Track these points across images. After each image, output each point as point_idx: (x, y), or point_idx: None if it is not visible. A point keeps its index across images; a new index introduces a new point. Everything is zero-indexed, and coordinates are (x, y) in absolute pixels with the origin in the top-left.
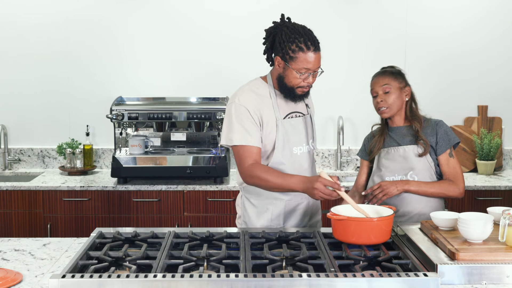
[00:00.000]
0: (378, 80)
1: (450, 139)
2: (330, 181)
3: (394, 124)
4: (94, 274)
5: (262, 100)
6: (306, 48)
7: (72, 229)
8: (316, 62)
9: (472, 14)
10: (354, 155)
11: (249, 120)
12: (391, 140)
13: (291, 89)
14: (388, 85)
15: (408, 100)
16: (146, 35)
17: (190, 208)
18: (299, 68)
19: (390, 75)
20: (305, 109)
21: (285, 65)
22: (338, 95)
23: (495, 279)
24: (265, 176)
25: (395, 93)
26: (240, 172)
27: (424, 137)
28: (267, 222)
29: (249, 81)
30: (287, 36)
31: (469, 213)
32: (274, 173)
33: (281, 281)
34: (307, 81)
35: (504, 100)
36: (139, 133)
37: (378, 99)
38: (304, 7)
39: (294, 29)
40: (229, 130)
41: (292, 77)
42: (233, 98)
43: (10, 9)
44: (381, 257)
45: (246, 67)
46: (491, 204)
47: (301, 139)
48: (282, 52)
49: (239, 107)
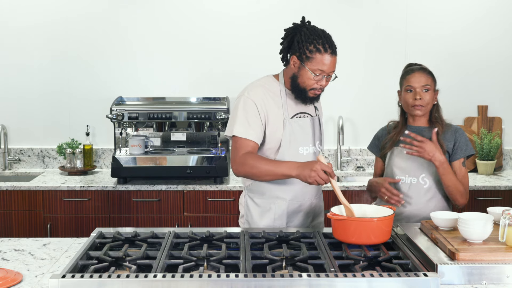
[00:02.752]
0: (419, 76)
1: (467, 149)
2: (328, 167)
3: (415, 123)
4: (94, 274)
5: (271, 97)
6: (324, 50)
7: (72, 229)
8: (332, 65)
9: (472, 14)
10: (354, 155)
11: (255, 115)
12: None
13: (303, 90)
14: (429, 85)
15: (436, 103)
16: (146, 35)
17: (190, 208)
18: (314, 69)
19: (429, 74)
20: (314, 111)
21: (301, 64)
22: (338, 95)
23: (495, 279)
24: (256, 163)
25: (431, 95)
26: (233, 162)
27: (442, 142)
28: (270, 221)
29: (261, 77)
30: (306, 37)
31: (469, 213)
32: (265, 160)
33: (281, 281)
34: (320, 83)
35: (504, 100)
36: (139, 133)
37: (417, 96)
38: (304, 7)
39: (314, 30)
40: (234, 122)
41: (306, 78)
42: (243, 92)
43: (10, 9)
44: (381, 257)
45: (247, 67)
46: (491, 204)
47: (308, 139)
48: (299, 52)
49: (247, 101)
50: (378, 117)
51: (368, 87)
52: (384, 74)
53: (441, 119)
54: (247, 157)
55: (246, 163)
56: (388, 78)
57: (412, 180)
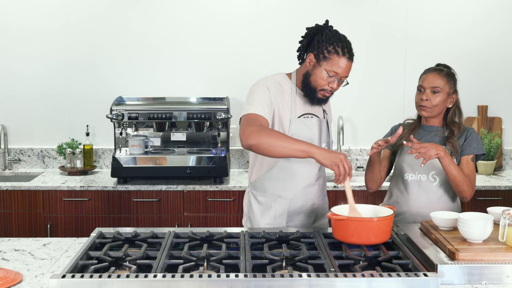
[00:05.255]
0: (432, 78)
1: (479, 147)
2: (350, 164)
3: (429, 123)
4: (94, 274)
5: (282, 93)
6: (342, 53)
7: (72, 229)
8: (346, 70)
9: (472, 14)
10: (354, 155)
11: (268, 99)
12: (419, 137)
13: (314, 90)
14: (439, 88)
15: (451, 107)
16: (146, 35)
17: (190, 208)
18: (329, 70)
19: (444, 77)
20: (322, 114)
21: (316, 63)
22: (338, 95)
23: (495, 279)
24: (273, 132)
25: (442, 97)
26: (243, 132)
27: (455, 142)
28: (270, 220)
29: (274, 74)
30: (327, 37)
31: (469, 213)
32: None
33: (281, 281)
34: (332, 85)
35: (504, 100)
36: (139, 133)
37: (424, 96)
38: (304, 7)
39: (336, 34)
40: (248, 103)
41: (319, 77)
42: (259, 81)
43: (10, 9)
44: (381, 257)
45: (247, 67)
46: (491, 204)
47: (313, 140)
48: (317, 50)
49: (262, 87)
50: (378, 117)
51: (368, 87)
52: (384, 74)
53: (458, 123)
54: (262, 127)
55: (262, 130)
56: (388, 78)
57: (422, 177)
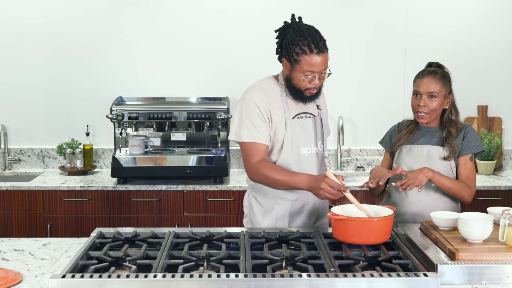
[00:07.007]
0: (427, 83)
1: (477, 145)
2: (336, 183)
3: (426, 124)
4: (94, 274)
5: (272, 99)
6: (309, 51)
7: (72, 229)
8: (321, 64)
9: (472, 14)
10: (354, 155)
11: (259, 117)
12: (417, 137)
13: (299, 91)
14: (435, 93)
15: (448, 108)
16: (146, 35)
17: (190, 208)
18: (304, 71)
19: (440, 80)
20: (316, 111)
21: (291, 67)
22: (338, 95)
23: (495, 279)
24: (270, 174)
25: (439, 101)
26: (247, 169)
27: (453, 142)
28: (272, 221)
29: (261, 79)
30: (291, 38)
31: (469, 213)
32: (280, 171)
33: (281, 281)
34: (314, 83)
35: (504, 100)
36: (139, 133)
37: (421, 103)
38: (304, 7)
39: (300, 31)
40: (239, 126)
41: (297, 80)
42: (244, 95)
43: (10, 9)
44: (381, 257)
45: (247, 66)
46: (491, 204)
47: (309, 140)
48: (287, 55)
49: (249, 104)
50: (378, 117)
51: (368, 87)
52: (384, 74)
53: (455, 122)
54: (260, 166)
55: (260, 173)
56: (388, 78)
57: None
